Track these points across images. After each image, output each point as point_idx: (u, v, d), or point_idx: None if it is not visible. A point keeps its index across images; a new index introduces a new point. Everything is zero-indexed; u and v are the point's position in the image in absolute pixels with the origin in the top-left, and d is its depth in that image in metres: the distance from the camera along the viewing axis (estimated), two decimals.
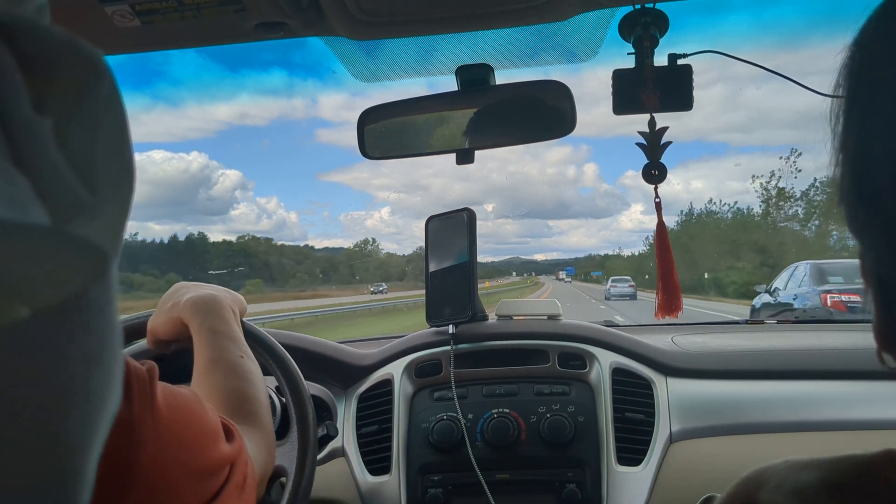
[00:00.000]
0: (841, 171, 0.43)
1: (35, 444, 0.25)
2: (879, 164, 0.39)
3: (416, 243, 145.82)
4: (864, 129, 0.41)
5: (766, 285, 13.06)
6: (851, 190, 0.42)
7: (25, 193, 0.25)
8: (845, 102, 0.43)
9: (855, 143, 0.42)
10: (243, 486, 0.69)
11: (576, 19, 1.03)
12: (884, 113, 0.39)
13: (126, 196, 0.30)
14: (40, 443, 0.25)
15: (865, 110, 0.41)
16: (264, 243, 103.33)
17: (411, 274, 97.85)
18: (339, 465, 1.41)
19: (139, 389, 0.56)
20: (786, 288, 11.63)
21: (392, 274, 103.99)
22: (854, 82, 0.42)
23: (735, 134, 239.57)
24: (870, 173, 0.40)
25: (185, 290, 1.04)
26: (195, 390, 0.90)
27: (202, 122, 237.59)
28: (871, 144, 0.40)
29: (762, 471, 0.47)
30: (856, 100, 0.42)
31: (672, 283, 1.08)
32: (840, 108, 0.43)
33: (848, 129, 0.42)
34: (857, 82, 0.42)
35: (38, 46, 0.27)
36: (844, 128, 0.43)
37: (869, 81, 0.41)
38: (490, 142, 1.24)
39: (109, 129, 0.29)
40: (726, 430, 1.36)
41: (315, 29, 1.02)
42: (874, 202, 0.40)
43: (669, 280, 1.08)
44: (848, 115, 0.42)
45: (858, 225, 0.42)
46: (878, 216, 0.40)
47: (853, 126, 0.42)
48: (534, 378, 1.44)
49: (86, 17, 0.95)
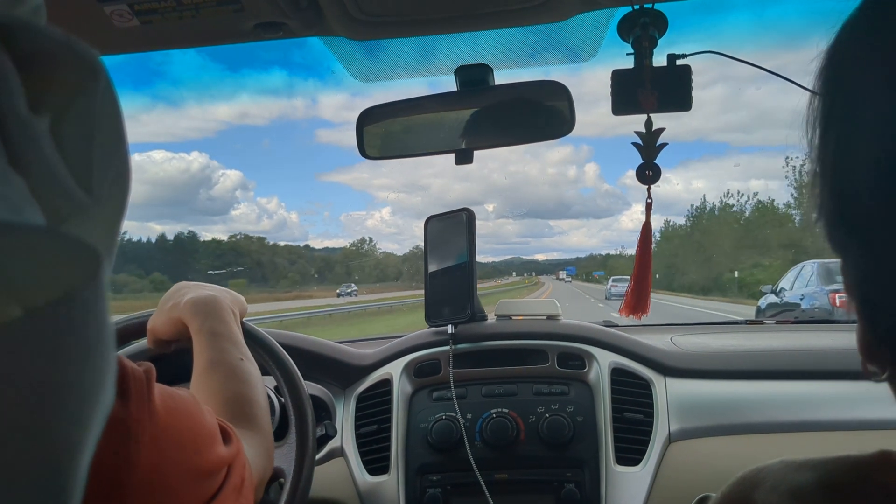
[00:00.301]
0: (819, 183, 0.42)
1: (25, 444, 0.25)
2: (859, 177, 0.38)
3: (415, 242, 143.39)
4: (843, 141, 0.40)
5: (772, 285, 12.95)
6: (831, 204, 0.41)
7: (21, 193, 0.25)
8: (822, 113, 0.42)
9: (833, 156, 0.41)
10: (241, 488, 0.69)
11: (575, 19, 1.03)
12: (863, 124, 0.38)
13: (122, 196, 0.30)
14: (31, 442, 0.25)
15: (843, 122, 0.40)
16: (256, 242, 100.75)
17: (407, 274, 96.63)
18: (338, 465, 1.41)
19: (136, 390, 0.55)
20: (792, 288, 11.51)
21: (389, 274, 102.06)
22: (831, 92, 0.41)
23: (735, 134, 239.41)
24: (849, 186, 0.39)
25: (185, 291, 1.04)
26: (194, 392, 0.90)
27: (202, 121, 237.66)
28: (849, 158, 0.39)
29: (758, 471, 0.47)
30: (833, 111, 0.41)
31: (645, 284, 1.09)
32: (816, 119, 0.42)
33: (825, 141, 0.42)
34: (833, 92, 0.41)
35: (35, 46, 0.27)
36: (821, 140, 0.42)
37: (846, 92, 0.40)
38: (489, 142, 1.24)
39: (105, 130, 0.29)
40: (725, 431, 1.36)
41: (314, 29, 1.02)
42: (854, 217, 0.39)
43: (643, 281, 1.09)
44: (825, 126, 0.42)
45: (838, 239, 0.42)
46: (858, 231, 0.39)
47: (831, 138, 0.41)
48: (533, 378, 1.44)
49: (84, 17, 0.95)
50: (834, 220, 0.41)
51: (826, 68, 0.42)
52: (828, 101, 0.41)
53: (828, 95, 0.41)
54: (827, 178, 0.41)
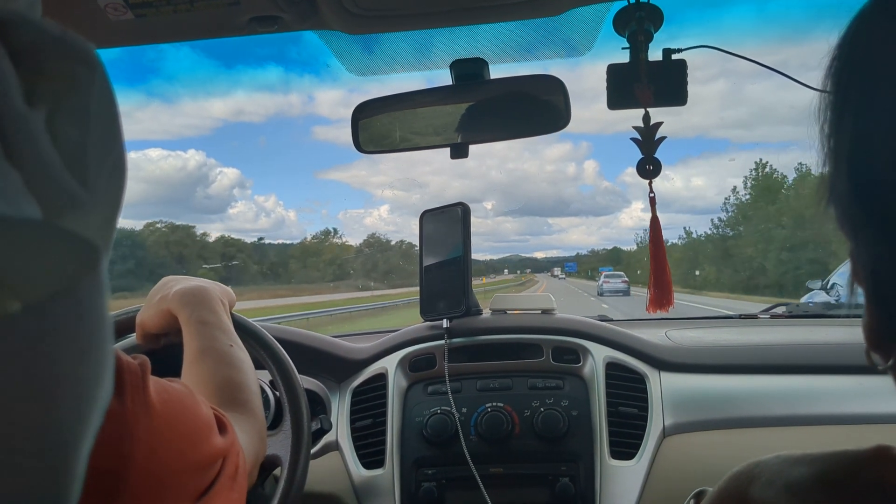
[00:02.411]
0: (833, 169, 0.42)
1: (25, 438, 0.25)
2: (877, 160, 0.39)
3: (403, 237, 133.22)
4: (860, 127, 0.40)
5: (821, 280, 12.50)
6: (847, 188, 0.41)
7: (16, 187, 0.25)
8: (837, 101, 0.42)
9: (850, 142, 0.41)
10: (235, 476, 0.69)
11: (571, 13, 1.03)
12: (881, 110, 0.39)
13: (118, 190, 0.30)
14: (30, 437, 0.25)
15: (860, 108, 0.40)
16: (181, 231, 77.11)
17: (360, 271, 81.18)
18: (333, 459, 1.41)
19: (132, 384, 0.55)
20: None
21: (346, 270, 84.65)
22: (846, 80, 0.42)
23: (736, 130, 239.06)
24: (867, 171, 0.40)
25: (173, 283, 1.04)
26: (186, 380, 0.90)
27: (198, 118, 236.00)
28: (868, 142, 0.40)
29: (753, 465, 0.47)
30: (848, 97, 0.41)
31: (665, 278, 1.09)
32: (828, 107, 0.43)
33: (841, 128, 0.42)
34: (849, 80, 0.41)
35: (30, 39, 0.27)
36: (836, 127, 0.42)
37: (862, 78, 0.41)
38: (484, 136, 1.24)
39: (101, 123, 0.29)
40: (719, 425, 1.36)
41: (309, 23, 1.02)
42: (872, 199, 0.40)
43: (662, 275, 1.09)
44: (840, 113, 0.42)
45: (853, 223, 0.42)
46: (875, 213, 0.40)
47: (847, 124, 0.41)
48: (528, 372, 1.44)
49: (79, 11, 0.94)
50: (848, 202, 0.41)
51: (841, 56, 0.42)
52: (843, 86, 0.42)
53: (843, 82, 0.42)
54: (843, 164, 0.41)
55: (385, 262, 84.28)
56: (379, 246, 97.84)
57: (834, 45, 0.42)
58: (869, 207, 0.40)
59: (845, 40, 0.42)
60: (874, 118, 0.39)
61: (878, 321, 0.42)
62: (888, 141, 0.38)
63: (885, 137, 0.38)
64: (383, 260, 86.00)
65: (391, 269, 79.95)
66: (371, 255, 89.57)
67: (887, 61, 0.39)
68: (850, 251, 0.43)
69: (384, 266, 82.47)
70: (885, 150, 0.38)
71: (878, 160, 0.39)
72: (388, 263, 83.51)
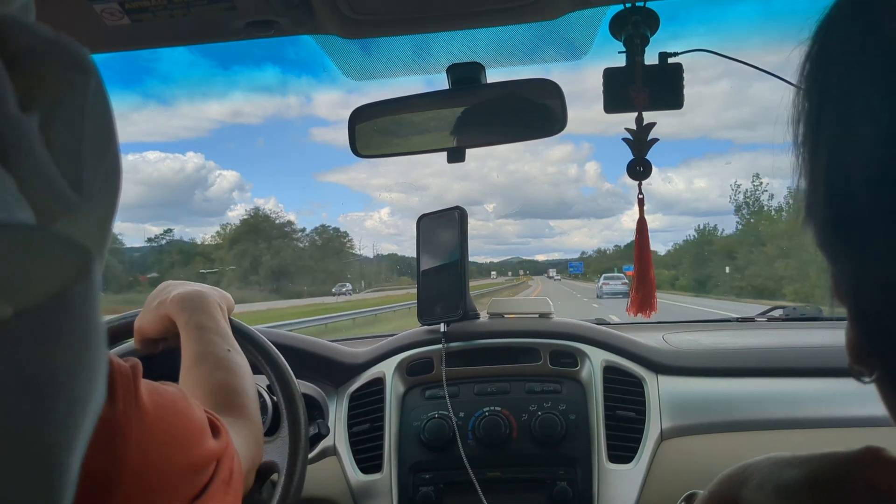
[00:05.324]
0: (809, 183, 0.41)
1: (17, 444, 0.24)
2: (855, 181, 0.37)
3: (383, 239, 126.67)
4: (836, 144, 0.38)
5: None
6: (823, 208, 0.39)
7: (10, 192, 0.25)
8: (810, 116, 0.40)
9: (826, 160, 0.39)
10: (230, 480, 0.69)
11: (568, 17, 1.03)
12: (858, 126, 0.37)
13: (112, 195, 0.30)
14: (23, 442, 0.25)
15: (836, 125, 0.38)
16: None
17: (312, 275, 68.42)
18: (331, 464, 1.41)
19: (123, 387, 0.55)
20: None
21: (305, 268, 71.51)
22: (819, 94, 0.40)
23: (739, 131, 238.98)
24: (844, 190, 0.37)
25: (171, 288, 1.04)
26: (183, 385, 0.90)
27: (195, 120, 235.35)
28: (844, 161, 0.37)
29: (744, 468, 0.47)
30: (822, 114, 0.39)
31: (648, 280, 1.09)
32: (803, 121, 0.41)
33: (816, 145, 0.40)
34: (822, 94, 0.39)
35: (24, 44, 0.27)
36: (811, 143, 0.40)
37: (836, 94, 0.38)
38: (481, 140, 1.24)
39: (95, 128, 0.29)
40: (717, 428, 1.36)
41: (306, 27, 1.02)
42: (849, 222, 0.38)
43: (645, 277, 1.09)
44: (815, 129, 0.40)
45: (830, 245, 0.40)
46: (853, 237, 0.38)
47: (822, 141, 0.39)
48: (525, 376, 1.44)
49: (74, 15, 0.94)
50: (826, 224, 0.40)
51: (811, 70, 0.40)
52: (816, 103, 0.40)
53: (816, 97, 0.40)
54: (819, 182, 0.40)
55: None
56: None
57: (803, 56, 0.41)
58: (847, 230, 0.38)
59: (814, 51, 0.40)
60: (851, 134, 0.37)
61: (860, 338, 0.41)
62: (866, 160, 0.36)
63: (863, 156, 0.36)
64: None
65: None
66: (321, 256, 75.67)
67: (861, 72, 0.37)
68: (830, 272, 0.42)
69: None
70: (864, 170, 0.36)
71: (856, 181, 0.36)
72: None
